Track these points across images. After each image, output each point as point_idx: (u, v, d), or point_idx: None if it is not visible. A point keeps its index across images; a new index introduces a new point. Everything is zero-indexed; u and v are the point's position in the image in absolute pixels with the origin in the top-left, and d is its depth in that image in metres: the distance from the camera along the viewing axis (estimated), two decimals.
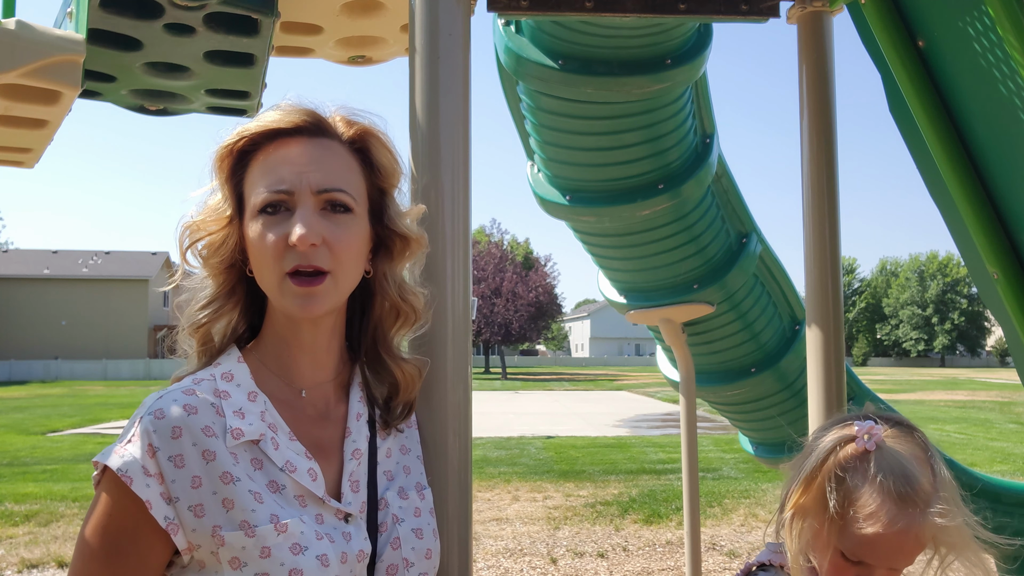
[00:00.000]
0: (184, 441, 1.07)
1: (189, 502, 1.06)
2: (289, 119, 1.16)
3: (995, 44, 1.89)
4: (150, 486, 1.05)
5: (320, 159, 1.16)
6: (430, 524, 1.24)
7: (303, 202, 1.13)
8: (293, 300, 1.13)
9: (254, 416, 1.14)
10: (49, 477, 10.23)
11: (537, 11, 1.89)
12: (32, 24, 1.93)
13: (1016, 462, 12.06)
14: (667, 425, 17.56)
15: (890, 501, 1.21)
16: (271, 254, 1.13)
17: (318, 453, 1.18)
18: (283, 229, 1.12)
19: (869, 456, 1.25)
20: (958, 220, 2.25)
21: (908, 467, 1.23)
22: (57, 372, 43.34)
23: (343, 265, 1.16)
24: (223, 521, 1.06)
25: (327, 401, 1.24)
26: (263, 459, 1.12)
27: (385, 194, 1.24)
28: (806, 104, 2.07)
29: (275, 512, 1.08)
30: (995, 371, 59.64)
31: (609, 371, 56.86)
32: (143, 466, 1.05)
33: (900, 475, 1.22)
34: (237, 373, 1.17)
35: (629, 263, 3.37)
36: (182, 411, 1.08)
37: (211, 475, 1.07)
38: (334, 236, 1.14)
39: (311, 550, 1.08)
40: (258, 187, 1.14)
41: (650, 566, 6.45)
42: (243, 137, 1.16)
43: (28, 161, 2.66)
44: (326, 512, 1.14)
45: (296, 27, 2.47)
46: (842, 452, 1.27)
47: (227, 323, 1.23)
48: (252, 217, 1.15)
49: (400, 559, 1.18)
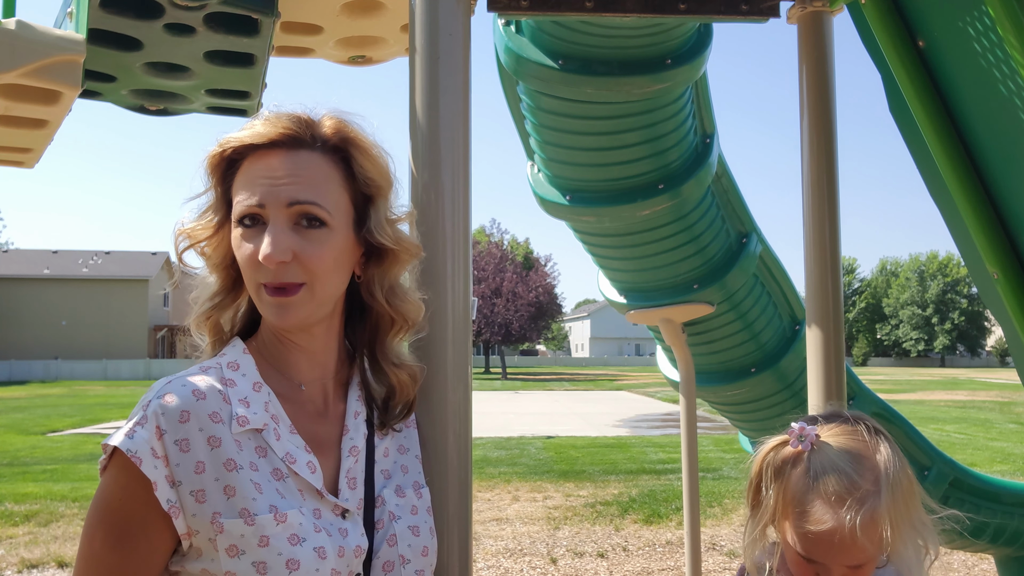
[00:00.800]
0: (191, 426, 1.08)
1: (191, 487, 1.06)
2: (267, 132, 1.16)
3: (995, 44, 1.89)
4: (157, 468, 1.05)
5: (296, 172, 1.15)
6: (427, 522, 1.25)
7: (274, 217, 1.13)
8: (268, 310, 1.15)
9: (259, 405, 1.15)
10: (49, 477, 10.23)
11: (537, 11, 1.88)
12: (32, 24, 1.93)
13: (1016, 462, 12.06)
14: (667, 425, 17.56)
15: (825, 500, 1.23)
16: (247, 265, 1.15)
17: (316, 449, 1.18)
18: (257, 243, 1.13)
19: (803, 457, 1.27)
20: (958, 220, 2.25)
21: (842, 465, 1.25)
22: (57, 372, 43.33)
23: (318, 278, 1.15)
24: (223, 508, 1.06)
25: (326, 398, 1.25)
26: (267, 448, 1.13)
27: (371, 202, 1.22)
28: (806, 104, 2.07)
29: (275, 503, 1.09)
30: (995, 371, 59.63)
31: (609, 371, 56.85)
32: (151, 447, 1.06)
33: (833, 473, 1.24)
34: (243, 363, 1.19)
35: (629, 263, 3.37)
36: (190, 396, 1.09)
37: (215, 461, 1.07)
38: (306, 252, 1.13)
39: (309, 541, 1.08)
40: (238, 197, 1.16)
41: (650, 566, 6.45)
42: (228, 147, 1.17)
43: (28, 161, 2.66)
44: (324, 507, 1.14)
45: (296, 27, 2.47)
46: (778, 455, 1.30)
47: (235, 312, 1.25)
48: (234, 227, 1.17)
49: (396, 556, 1.18)
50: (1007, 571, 3.95)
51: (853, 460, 1.26)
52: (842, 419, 1.33)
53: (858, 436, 1.29)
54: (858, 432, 1.30)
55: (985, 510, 3.61)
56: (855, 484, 1.23)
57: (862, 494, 1.22)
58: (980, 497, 3.64)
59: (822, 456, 1.27)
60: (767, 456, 1.32)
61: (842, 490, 1.23)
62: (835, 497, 1.23)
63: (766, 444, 1.34)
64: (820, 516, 1.23)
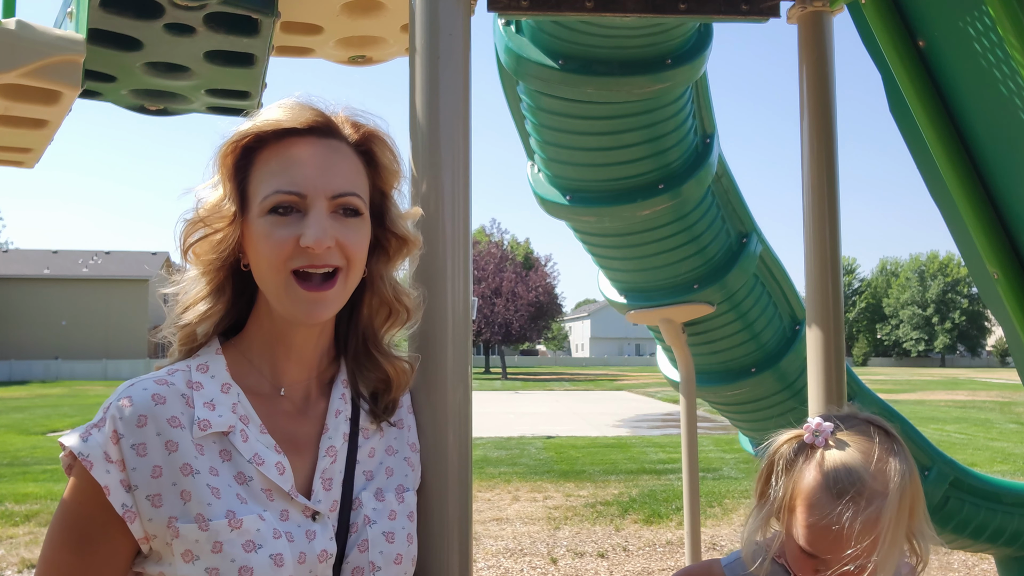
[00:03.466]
0: (148, 430, 1.07)
1: (148, 491, 1.06)
2: (301, 118, 1.15)
3: (995, 44, 1.89)
4: (110, 472, 1.05)
5: (333, 162, 1.15)
6: (404, 528, 1.21)
7: (316, 205, 1.12)
8: (299, 305, 1.13)
9: (225, 408, 1.13)
10: (49, 477, 10.23)
11: (537, 11, 1.88)
12: (32, 24, 1.94)
13: (1016, 462, 12.06)
14: (667, 425, 17.56)
15: (832, 495, 1.26)
16: (278, 254, 1.12)
17: (292, 448, 1.16)
18: (293, 231, 1.11)
19: (816, 451, 1.31)
20: (958, 220, 2.25)
21: (853, 463, 1.28)
22: (57, 372, 43.34)
23: (354, 265, 1.16)
24: (179, 512, 1.06)
25: (307, 397, 1.23)
26: (232, 451, 1.11)
27: (386, 196, 1.25)
28: (806, 104, 2.07)
29: (233, 508, 1.07)
30: (995, 371, 59.63)
31: (609, 371, 56.85)
32: (105, 452, 1.05)
33: (844, 470, 1.27)
34: (212, 365, 1.17)
35: (629, 263, 3.37)
36: (150, 400, 1.08)
37: (172, 466, 1.07)
38: (346, 239, 1.14)
39: (265, 548, 1.06)
40: (267, 186, 1.13)
41: (650, 566, 6.45)
42: (250, 134, 1.15)
43: (28, 161, 2.66)
44: (292, 508, 1.12)
45: (296, 27, 2.47)
46: (789, 447, 1.35)
47: (212, 323, 1.21)
48: (259, 215, 1.13)
49: (367, 562, 1.15)
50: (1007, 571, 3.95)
51: (865, 460, 1.28)
52: (859, 420, 1.36)
53: (873, 438, 1.32)
54: (873, 435, 1.33)
55: (985, 510, 3.61)
56: (864, 483, 1.26)
57: (870, 494, 1.25)
58: (980, 497, 3.64)
59: (835, 453, 1.30)
60: (781, 447, 1.36)
61: (851, 487, 1.26)
62: (843, 493, 1.25)
63: (781, 436, 1.38)
64: (825, 510, 1.26)
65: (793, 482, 1.31)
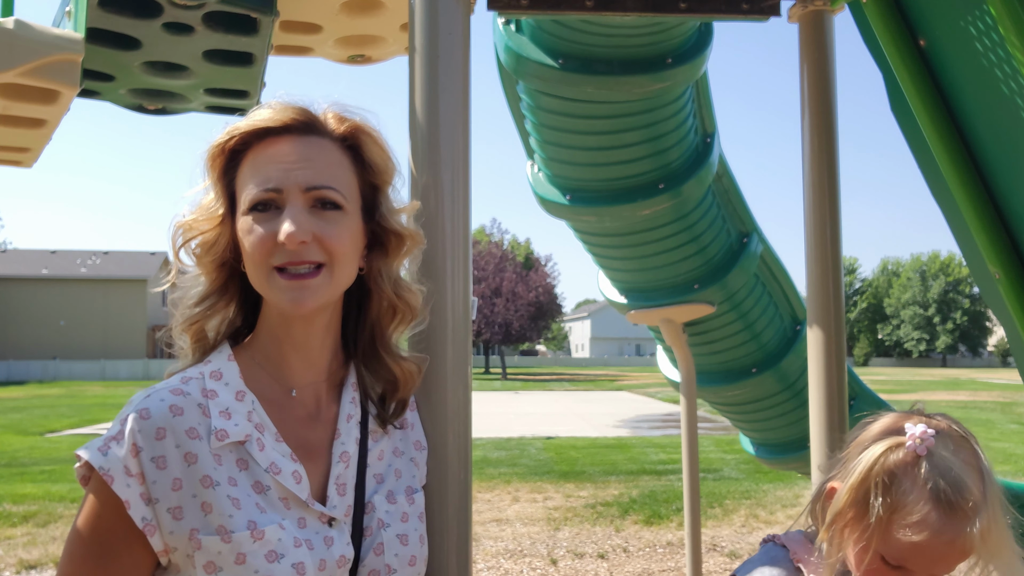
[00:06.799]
0: (168, 442, 1.07)
1: (168, 504, 1.05)
2: (279, 117, 1.16)
3: (996, 44, 1.89)
4: (130, 486, 1.05)
5: (310, 157, 1.15)
6: (417, 530, 1.23)
7: (292, 200, 1.13)
8: (283, 295, 1.13)
9: (240, 416, 1.13)
10: (47, 478, 10.22)
11: (537, 10, 1.88)
12: (31, 23, 1.93)
13: (1018, 462, 12.06)
14: (667, 425, 17.55)
15: (938, 509, 1.17)
16: (259, 250, 1.13)
17: (305, 455, 1.17)
18: (272, 227, 1.12)
19: (920, 461, 1.20)
20: (960, 219, 2.24)
21: (959, 475, 1.19)
22: (55, 372, 43.31)
23: (337, 259, 1.15)
24: (201, 524, 1.06)
25: (318, 401, 1.23)
26: (248, 460, 1.11)
27: (378, 191, 1.24)
28: (807, 103, 2.07)
29: (254, 518, 1.07)
30: (997, 371, 59.65)
31: (609, 371, 56.86)
32: (125, 465, 1.05)
33: (951, 483, 1.18)
34: (226, 372, 1.17)
35: (630, 263, 3.37)
36: (167, 412, 1.08)
37: (192, 478, 1.06)
38: (325, 232, 1.13)
39: (287, 558, 1.07)
40: (248, 185, 1.14)
41: (651, 567, 6.44)
42: (233, 136, 1.16)
43: (27, 160, 2.66)
44: (309, 516, 1.13)
45: (295, 26, 2.47)
46: (892, 456, 1.23)
47: (221, 320, 1.22)
48: (243, 214, 1.15)
49: (382, 565, 1.16)
50: None
51: (970, 471, 1.21)
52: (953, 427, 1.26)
53: (969, 448, 1.24)
54: (969, 444, 1.24)
55: None
56: (971, 496, 1.18)
57: (974, 508, 1.18)
58: None
59: (939, 463, 1.20)
60: (877, 461, 1.23)
61: (957, 501, 1.17)
62: (948, 507, 1.17)
63: (873, 450, 1.24)
64: (930, 524, 1.17)
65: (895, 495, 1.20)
